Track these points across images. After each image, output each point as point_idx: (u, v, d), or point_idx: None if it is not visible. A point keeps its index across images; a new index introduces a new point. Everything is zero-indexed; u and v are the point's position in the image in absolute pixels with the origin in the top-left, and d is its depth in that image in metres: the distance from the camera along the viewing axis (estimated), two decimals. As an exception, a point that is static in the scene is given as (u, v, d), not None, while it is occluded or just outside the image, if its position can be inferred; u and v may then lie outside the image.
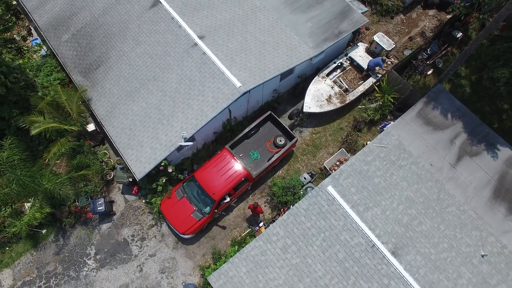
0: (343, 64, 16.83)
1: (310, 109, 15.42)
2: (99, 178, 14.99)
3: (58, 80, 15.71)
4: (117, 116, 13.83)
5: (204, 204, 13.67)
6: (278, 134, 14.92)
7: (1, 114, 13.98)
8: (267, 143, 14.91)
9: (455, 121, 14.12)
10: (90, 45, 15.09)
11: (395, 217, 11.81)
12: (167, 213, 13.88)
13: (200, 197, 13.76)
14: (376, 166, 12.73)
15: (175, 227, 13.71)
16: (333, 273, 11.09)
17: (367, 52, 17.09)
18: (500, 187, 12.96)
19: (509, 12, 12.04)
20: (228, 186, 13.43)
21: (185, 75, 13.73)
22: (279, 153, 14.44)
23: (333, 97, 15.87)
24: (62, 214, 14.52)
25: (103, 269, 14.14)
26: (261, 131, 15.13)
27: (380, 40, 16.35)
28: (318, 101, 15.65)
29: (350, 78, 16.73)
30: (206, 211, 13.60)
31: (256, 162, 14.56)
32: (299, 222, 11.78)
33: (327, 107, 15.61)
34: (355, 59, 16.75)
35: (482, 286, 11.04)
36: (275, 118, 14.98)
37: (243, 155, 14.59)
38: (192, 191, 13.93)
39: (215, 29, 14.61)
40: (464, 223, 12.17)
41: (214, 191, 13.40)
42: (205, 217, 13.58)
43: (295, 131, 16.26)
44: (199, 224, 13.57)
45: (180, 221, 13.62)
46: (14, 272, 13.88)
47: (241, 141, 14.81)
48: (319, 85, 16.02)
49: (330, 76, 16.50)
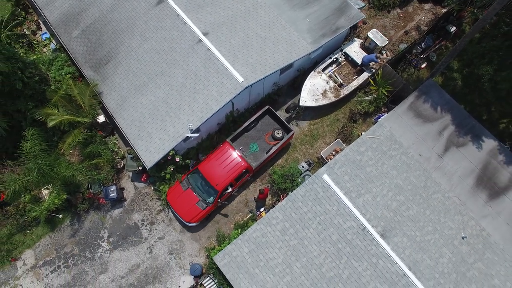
0: (338, 59, 17.51)
1: (306, 103, 16.22)
2: (110, 166, 16.01)
3: (69, 74, 16.52)
4: (127, 109, 14.75)
5: (208, 195, 14.62)
6: (276, 127, 15.76)
7: (18, 107, 14.88)
8: (265, 136, 15.75)
9: (444, 114, 15.05)
10: (99, 41, 15.86)
11: (384, 203, 12.91)
12: (173, 203, 14.84)
13: (204, 188, 14.69)
14: (369, 156, 13.75)
15: (181, 216, 14.69)
16: (327, 253, 12.26)
17: (362, 48, 17.75)
18: (482, 175, 14.01)
19: (500, 6, 12.54)
20: (230, 178, 14.38)
21: (190, 70, 14.58)
22: (277, 145, 15.33)
23: (328, 92, 16.63)
24: (77, 200, 15.61)
25: (116, 250, 15.32)
26: (260, 124, 15.95)
27: (374, 36, 17.04)
28: (314, 95, 16.41)
29: (345, 73, 17.46)
30: (210, 201, 14.57)
31: (256, 154, 15.46)
32: (296, 207, 12.87)
33: (322, 101, 16.40)
34: (350, 55, 17.42)
35: (460, 264, 12.23)
36: (273, 112, 15.82)
37: (243, 148, 15.46)
38: (197, 182, 14.83)
39: (219, 26, 15.35)
40: (448, 209, 13.27)
41: (217, 182, 14.35)
42: (209, 207, 14.56)
43: (292, 124, 17.13)
44: (203, 213, 14.57)
45: (186, 210, 14.59)
46: (36, 253, 15.09)
47: (241, 134, 15.64)
48: (315, 79, 16.76)
49: (326, 71, 17.20)
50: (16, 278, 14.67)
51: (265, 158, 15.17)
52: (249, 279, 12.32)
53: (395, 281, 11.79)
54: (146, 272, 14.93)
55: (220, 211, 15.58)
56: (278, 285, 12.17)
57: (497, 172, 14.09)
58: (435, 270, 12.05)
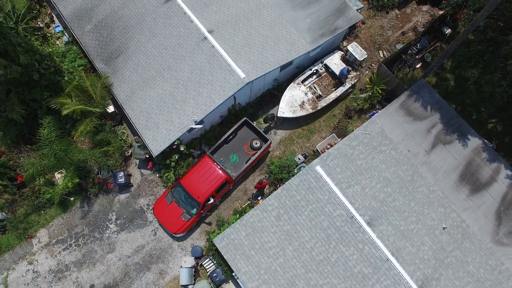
0: (318, 71, 17.81)
1: (284, 114, 16.66)
2: (119, 154, 17.10)
3: (82, 66, 17.53)
4: (136, 101, 15.78)
5: (191, 207, 15.38)
6: (254, 138, 16.35)
7: (34, 96, 15.93)
8: (244, 146, 16.35)
9: (433, 112, 15.96)
10: (110, 36, 16.83)
11: (372, 194, 13.94)
12: (159, 216, 15.73)
13: (187, 201, 15.42)
14: (360, 150, 14.74)
15: (167, 228, 15.55)
16: (318, 238, 13.35)
17: (342, 60, 18.03)
18: (466, 171, 14.98)
19: (491, 8, 13.24)
20: (211, 190, 15.13)
21: (196, 66, 15.54)
22: (256, 154, 16.05)
23: (306, 103, 17.01)
24: (87, 184, 16.77)
25: (123, 232, 16.50)
26: (239, 135, 16.51)
27: (353, 50, 17.42)
28: (292, 106, 16.80)
29: (325, 84, 17.79)
30: (193, 212, 15.38)
31: (236, 165, 16.13)
32: (291, 195, 13.94)
33: (300, 112, 16.82)
34: (330, 67, 17.71)
35: (440, 251, 13.30)
36: (250, 123, 16.42)
37: (223, 159, 16.12)
38: (180, 195, 15.58)
39: (223, 24, 16.25)
40: (432, 201, 14.29)
41: (199, 195, 15.12)
42: (192, 218, 15.39)
43: (270, 133, 17.75)
44: (188, 224, 15.41)
45: (171, 222, 15.44)
46: (49, 232, 16.31)
47: (221, 146, 16.26)
48: (294, 91, 17.12)
49: (306, 82, 17.54)
50: (32, 254, 15.92)
51: (245, 167, 15.90)
52: (245, 260, 13.46)
53: (379, 265, 12.88)
54: (151, 253, 16.11)
55: (204, 220, 16.41)
56: (272, 266, 13.29)
57: (479, 168, 15.05)
58: (416, 257, 13.13)
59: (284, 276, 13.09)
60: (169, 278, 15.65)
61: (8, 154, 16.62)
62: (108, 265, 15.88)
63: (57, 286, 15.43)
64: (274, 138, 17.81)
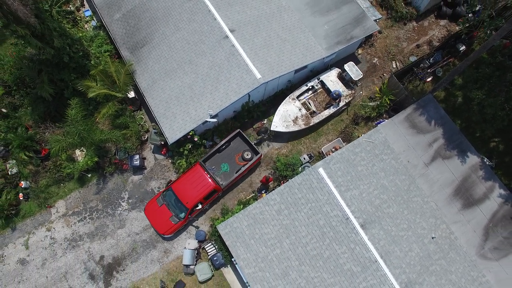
0: (314, 87, 18.14)
1: (277, 128, 17.18)
2: (136, 137, 18.24)
3: (108, 52, 18.56)
4: (156, 90, 16.81)
5: (180, 211, 16.25)
6: (245, 149, 17.04)
7: (63, 77, 17.07)
8: (236, 156, 17.09)
9: (437, 127, 16.66)
10: (137, 26, 17.77)
11: (369, 199, 14.86)
12: (150, 217, 16.62)
13: (177, 205, 16.29)
14: (362, 156, 15.60)
15: (156, 229, 16.47)
16: (313, 235, 14.39)
17: (339, 78, 18.28)
18: (461, 187, 15.76)
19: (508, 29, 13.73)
20: (199, 197, 15.96)
21: (215, 62, 16.45)
22: (246, 166, 16.79)
23: (299, 119, 17.37)
24: (104, 163, 18.00)
25: (134, 210, 17.74)
26: (232, 145, 17.21)
27: (349, 69, 17.64)
28: (285, 121, 17.23)
29: (319, 100, 18.17)
30: (181, 216, 16.25)
31: (226, 174, 16.87)
32: (293, 192, 14.94)
33: (293, 127, 17.23)
34: (326, 83, 17.99)
35: (426, 259, 14.25)
36: (243, 135, 17.12)
37: (215, 167, 16.87)
38: (170, 199, 16.44)
39: (245, 24, 17.05)
40: (425, 211, 15.16)
41: (188, 201, 15.99)
42: (180, 221, 16.25)
43: (263, 145, 18.32)
44: (176, 227, 16.29)
45: (161, 224, 16.34)
46: (67, 204, 17.66)
47: (214, 154, 17.00)
48: (289, 106, 17.51)
49: (301, 97, 17.95)
50: (50, 222, 17.32)
51: (235, 177, 16.69)
52: (245, 247, 14.59)
53: (367, 265, 13.90)
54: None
55: (192, 223, 17.21)
56: (269, 256, 14.41)
57: (474, 185, 15.81)
58: (403, 261, 14.10)
59: (279, 266, 14.21)
60: (173, 257, 16.91)
61: (35, 128, 17.89)
62: (118, 240, 17.19)
63: (70, 253, 16.83)
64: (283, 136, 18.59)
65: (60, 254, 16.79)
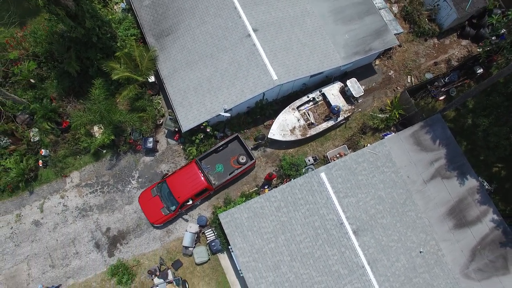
0: (315, 99, 18.43)
1: (274, 136, 17.59)
2: (151, 121, 19.12)
3: (134, 36, 19.30)
4: (176, 79, 17.57)
5: (172, 203, 17.02)
6: (241, 153, 17.59)
7: (89, 55, 17.92)
8: (231, 159, 17.67)
9: (441, 147, 17.14)
10: (164, 14, 18.43)
11: (364, 208, 15.58)
12: (143, 205, 17.47)
13: (169, 198, 17.05)
14: (364, 166, 16.25)
15: (147, 217, 17.31)
16: (307, 234, 15.24)
17: (340, 92, 18.48)
18: (455, 207, 16.34)
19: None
20: (191, 193, 16.71)
21: (235, 59, 17.08)
22: (239, 169, 17.39)
23: (296, 129, 17.74)
24: (119, 142, 18.94)
25: (142, 189, 18.77)
26: (229, 147, 17.80)
27: (351, 85, 17.84)
28: (283, 130, 17.61)
29: (319, 112, 18.49)
30: (172, 209, 17.04)
31: (220, 174, 17.50)
32: (293, 192, 15.73)
33: (289, 137, 17.64)
34: (327, 96, 18.24)
35: (411, 271, 15.01)
36: (241, 140, 17.63)
37: (210, 167, 17.50)
38: (164, 192, 17.19)
39: (268, 25, 17.56)
40: (417, 226, 15.84)
41: (179, 196, 16.77)
42: (170, 213, 17.07)
43: (259, 150, 18.86)
44: (166, 218, 17.12)
45: (152, 213, 17.20)
46: (81, 175, 18.80)
47: (211, 154, 17.60)
48: (288, 115, 17.84)
49: (301, 108, 18.21)
50: (65, 190, 18.51)
51: (227, 179, 17.31)
52: (242, 237, 15.54)
53: (354, 269, 14.73)
54: (162, 212, 18.39)
55: (181, 217, 17.99)
56: (263, 248, 15.34)
57: (469, 207, 16.37)
58: (389, 270, 14.89)
59: (272, 259, 15.14)
60: (174, 238, 17.99)
61: (58, 101, 18.92)
62: (125, 215, 18.31)
63: (80, 221, 18.04)
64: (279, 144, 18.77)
65: (71, 221, 18.02)
